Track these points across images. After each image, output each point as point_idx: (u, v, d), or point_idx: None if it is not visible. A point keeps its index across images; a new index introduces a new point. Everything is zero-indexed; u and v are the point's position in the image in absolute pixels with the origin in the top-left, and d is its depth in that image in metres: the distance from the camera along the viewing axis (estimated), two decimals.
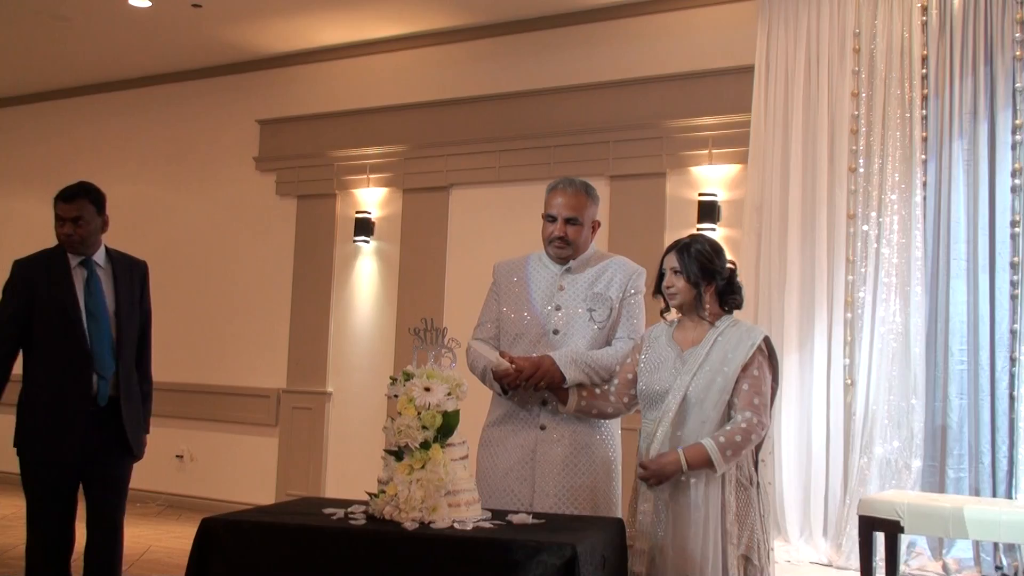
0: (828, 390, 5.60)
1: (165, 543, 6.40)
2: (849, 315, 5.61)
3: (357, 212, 7.52)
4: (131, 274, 3.97)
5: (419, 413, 2.71)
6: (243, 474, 7.77)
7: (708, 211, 6.16)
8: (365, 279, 7.55)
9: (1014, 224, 5.25)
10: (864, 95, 5.69)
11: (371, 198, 7.56)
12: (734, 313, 3.14)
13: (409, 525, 2.60)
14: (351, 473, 7.23)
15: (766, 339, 3.04)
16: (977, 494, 5.14)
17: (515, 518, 2.80)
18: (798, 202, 5.78)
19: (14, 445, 3.78)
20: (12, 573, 5.33)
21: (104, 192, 3.96)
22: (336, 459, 7.48)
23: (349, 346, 7.54)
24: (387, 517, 2.67)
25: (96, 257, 3.88)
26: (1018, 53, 5.29)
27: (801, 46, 5.88)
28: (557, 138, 6.80)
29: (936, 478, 5.32)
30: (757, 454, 3.07)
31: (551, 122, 6.85)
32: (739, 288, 3.12)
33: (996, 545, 5.05)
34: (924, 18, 5.55)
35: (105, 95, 8.89)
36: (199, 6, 6.98)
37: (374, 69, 7.66)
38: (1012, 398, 5.16)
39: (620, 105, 6.65)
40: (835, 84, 5.77)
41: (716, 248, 3.11)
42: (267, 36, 7.57)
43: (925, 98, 5.53)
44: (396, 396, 2.79)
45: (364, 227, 7.46)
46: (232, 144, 8.18)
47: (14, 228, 8.97)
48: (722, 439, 2.90)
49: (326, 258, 7.66)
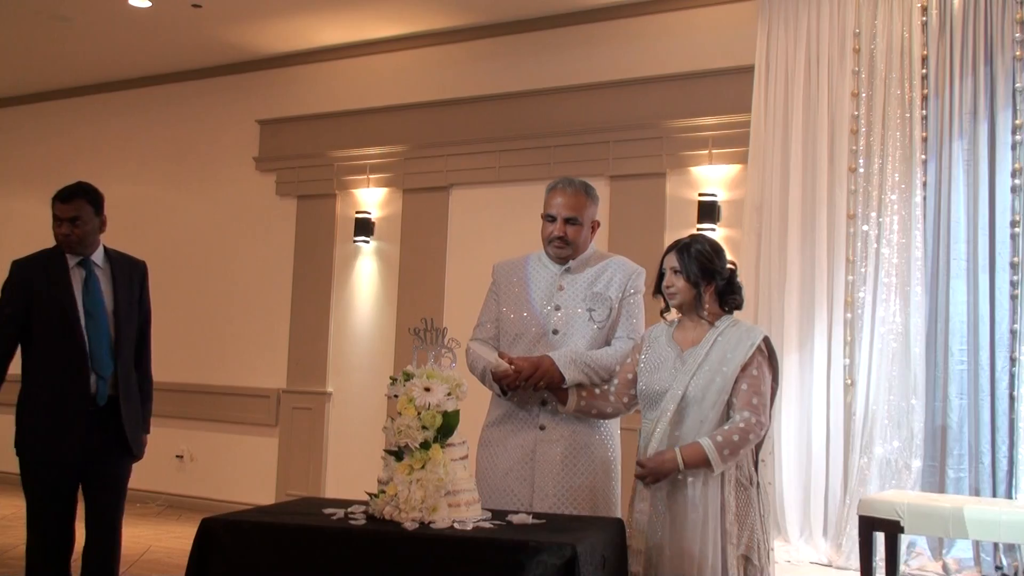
0: (828, 390, 5.60)
1: (165, 543, 6.40)
2: (849, 315, 5.61)
3: (357, 212, 7.52)
4: (130, 274, 3.97)
5: (419, 413, 2.71)
6: (243, 474, 7.77)
7: (708, 211, 6.16)
8: (365, 279, 7.55)
9: (1014, 224, 5.25)
10: (864, 95, 5.69)
11: (371, 198, 7.56)
12: (734, 313, 3.14)
13: (409, 525, 2.60)
14: (351, 473, 7.22)
15: (766, 339, 3.03)
16: (977, 494, 5.14)
17: (515, 518, 2.80)
18: (798, 202, 5.79)
19: (15, 445, 3.78)
20: (12, 573, 5.33)
21: (102, 192, 3.95)
22: (336, 459, 7.48)
23: (349, 346, 7.54)
24: (387, 517, 2.67)
25: (94, 257, 3.87)
26: (1018, 53, 5.29)
27: (801, 46, 5.88)
28: (557, 138, 6.80)
29: (936, 478, 5.32)
30: (757, 454, 3.07)
31: (551, 122, 6.85)
32: (739, 288, 3.12)
33: (996, 545, 5.05)
34: (924, 18, 5.55)
35: (105, 95, 8.89)
36: (199, 6, 6.98)
37: (374, 69, 7.66)
38: (1012, 398, 5.16)
39: (620, 105, 6.64)
40: (835, 84, 5.77)
41: (716, 248, 3.11)
42: (267, 36, 7.57)
43: (925, 98, 5.53)
44: (396, 396, 2.79)
45: (364, 227, 7.46)
46: (232, 144, 8.18)
47: (14, 228, 8.97)
48: (719, 438, 2.90)
49: (326, 258, 7.66)
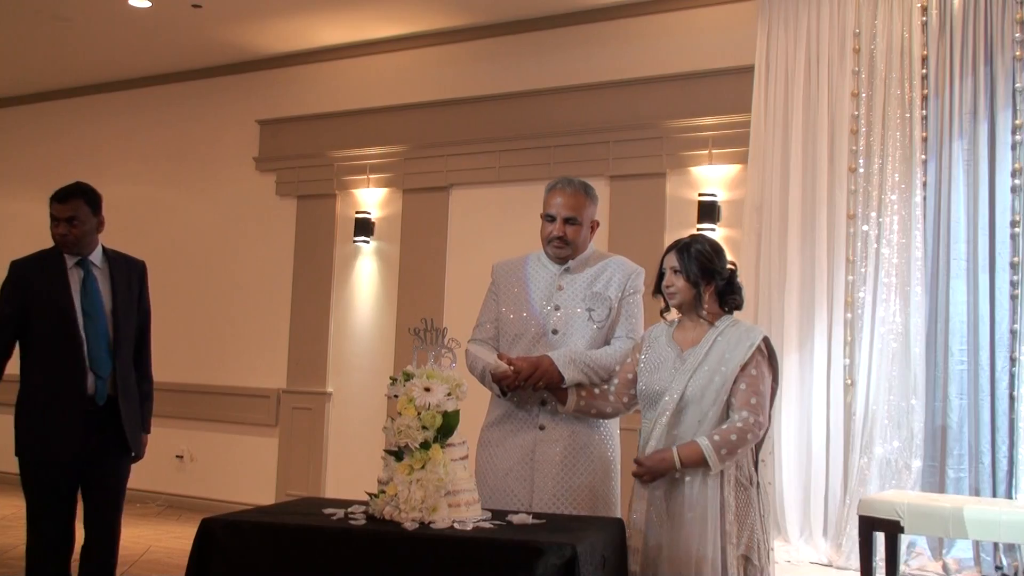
0: (828, 390, 5.60)
1: (165, 543, 6.40)
2: (849, 315, 5.61)
3: (357, 212, 7.51)
4: (128, 274, 3.96)
5: (419, 413, 2.71)
6: (243, 474, 7.77)
7: (708, 211, 6.15)
8: (365, 279, 7.55)
9: (1014, 224, 5.25)
10: (864, 95, 5.68)
11: (371, 198, 7.56)
12: (734, 314, 3.14)
13: (409, 525, 2.60)
14: (351, 473, 7.22)
15: (765, 339, 3.03)
16: (977, 494, 5.14)
17: (515, 518, 2.79)
18: (798, 202, 5.78)
19: (15, 445, 3.78)
20: (12, 573, 5.33)
21: (103, 192, 3.95)
22: (336, 459, 7.48)
23: (349, 346, 7.54)
24: (387, 517, 2.67)
25: (92, 257, 3.87)
26: (1018, 53, 5.29)
27: (801, 46, 5.88)
28: (557, 138, 6.80)
29: (936, 478, 5.32)
30: (757, 454, 3.07)
31: (551, 122, 6.85)
32: (739, 289, 3.12)
33: (996, 545, 5.06)
34: (924, 18, 5.55)
35: (105, 95, 8.89)
36: (199, 6, 6.97)
37: (374, 69, 7.66)
38: (1012, 398, 5.16)
39: (620, 105, 6.64)
40: (835, 84, 5.77)
41: (716, 248, 3.11)
42: (267, 36, 7.57)
43: (925, 98, 5.53)
44: (396, 396, 2.79)
45: (364, 227, 7.46)
46: (232, 144, 8.18)
47: (14, 228, 8.96)
48: (717, 437, 2.90)
49: (326, 258, 7.66)
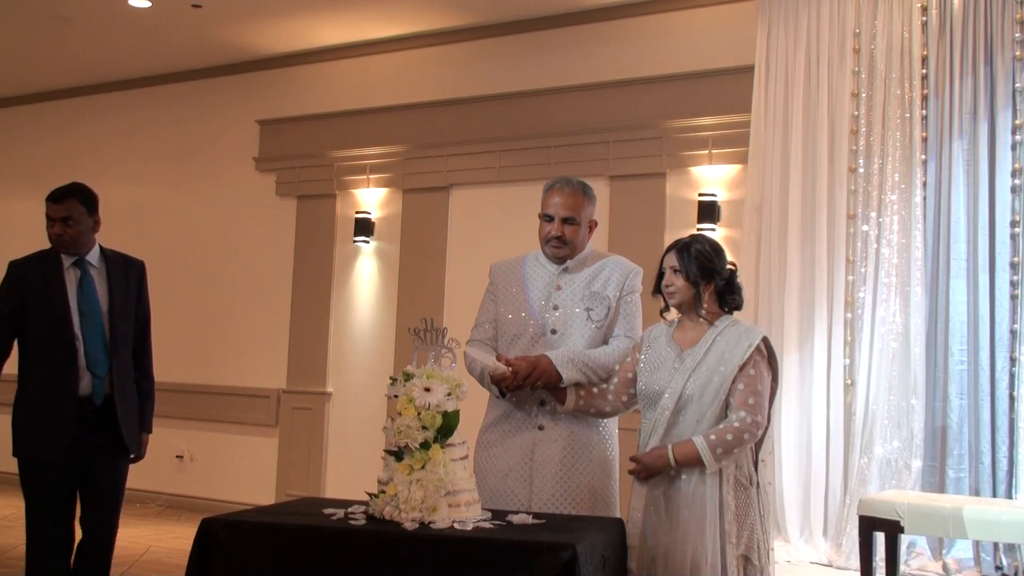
0: (828, 390, 5.60)
1: (165, 543, 6.40)
2: (849, 315, 5.61)
3: (357, 212, 7.51)
4: (126, 273, 3.96)
5: (419, 413, 2.71)
6: (243, 474, 7.77)
7: (708, 211, 6.15)
8: (365, 279, 7.55)
9: (1014, 224, 5.25)
10: (864, 95, 5.68)
11: (371, 198, 7.56)
12: (734, 314, 3.14)
13: (409, 525, 2.60)
14: (351, 473, 7.22)
15: (765, 340, 3.03)
16: (977, 494, 5.14)
17: (515, 518, 2.80)
18: (798, 202, 5.78)
19: (12, 446, 3.78)
20: (12, 573, 5.33)
21: (103, 192, 3.95)
22: (336, 459, 7.48)
23: (349, 346, 7.54)
24: (387, 517, 2.67)
25: (89, 257, 3.87)
26: (1018, 53, 5.29)
27: (801, 46, 5.88)
28: (557, 138, 6.80)
29: (936, 478, 5.32)
30: (757, 454, 3.06)
31: (551, 122, 6.84)
32: (739, 289, 3.12)
33: (996, 545, 5.05)
34: (924, 18, 5.55)
35: (105, 95, 8.89)
36: (199, 6, 6.97)
37: (374, 69, 7.66)
38: (1012, 398, 5.16)
39: (620, 105, 6.64)
40: (835, 84, 5.77)
41: (716, 248, 3.11)
42: (267, 36, 7.57)
43: (925, 98, 5.53)
44: (396, 396, 2.79)
45: (364, 227, 7.46)
46: (232, 144, 8.18)
47: (14, 229, 8.96)
48: (713, 437, 2.90)
49: (326, 258, 7.66)
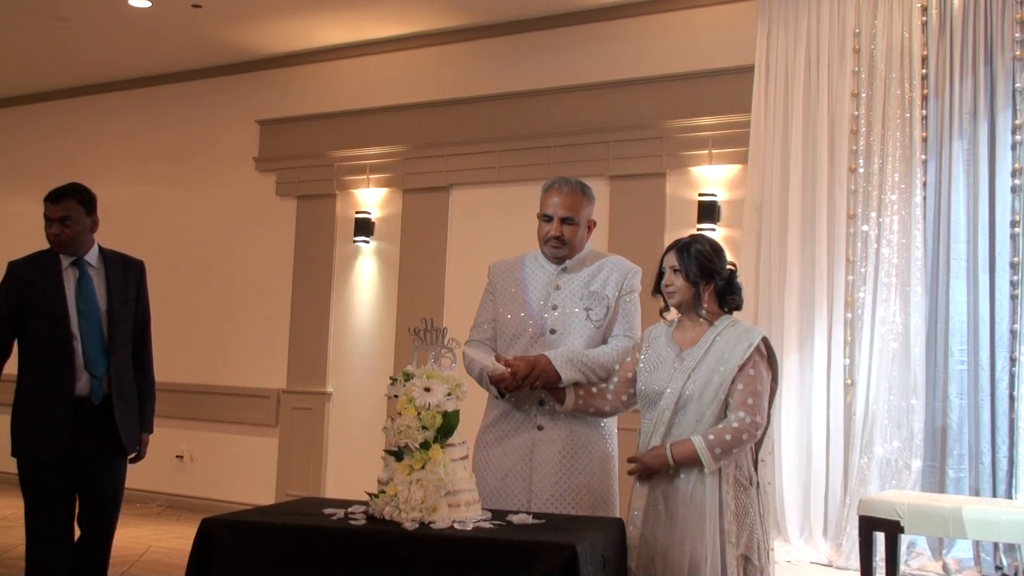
0: (828, 390, 5.59)
1: (165, 543, 6.40)
2: (849, 315, 5.61)
3: (357, 212, 7.51)
4: (125, 273, 3.96)
5: (419, 413, 2.71)
6: (243, 474, 7.77)
7: (708, 211, 6.15)
8: (365, 279, 7.55)
9: (1014, 224, 5.25)
10: (864, 95, 5.68)
11: (371, 198, 7.56)
12: (734, 314, 3.14)
13: (409, 525, 2.60)
14: (351, 473, 7.22)
15: (764, 340, 3.03)
16: (977, 494, 5.14)
17: (515, 518, 2.80)
18: (798, 202, 5.78)
19: (11, 446, 3.78)
20: (12, 573, 5.33)
21: (102, 192, 3.95)
22: (336, 459, 7.48)
23: (349, 346, 7.54)
24: (387, 517, 2.68)
25: (88, 257, 3.87)
26: (1018, 53, 5.29)
27: (801, 46, 5.88)
28: (557, 138, 6.80)
29: (936, 478, 5.32)
30: (757, 454, 3.06)
31: (551, 122, 6.84)
32: (739, 289, 3.12)
33: (996, 545, 5.05)
34: (924, 18, 5.55)
35: (105, 95, 8.89)
36: (199, 6, 6.97)
37: (374, 69, 7.66)
38: (1012, 398, 5.16)
39: (620, 105, 6.64)
40: (835, 84, 5.77)
41: (716, 248, 3.11)
42: (267, 36, 7.57)
43: (925, 98, 5.53)
44: (396, 396, 2.79)
45: (364, 227, 7.46)
46: (232, 144, 8.18)
47: (14, 228, 8.96)
48: (711, 437, 2.90)
49: (326, 258, 7.66)
